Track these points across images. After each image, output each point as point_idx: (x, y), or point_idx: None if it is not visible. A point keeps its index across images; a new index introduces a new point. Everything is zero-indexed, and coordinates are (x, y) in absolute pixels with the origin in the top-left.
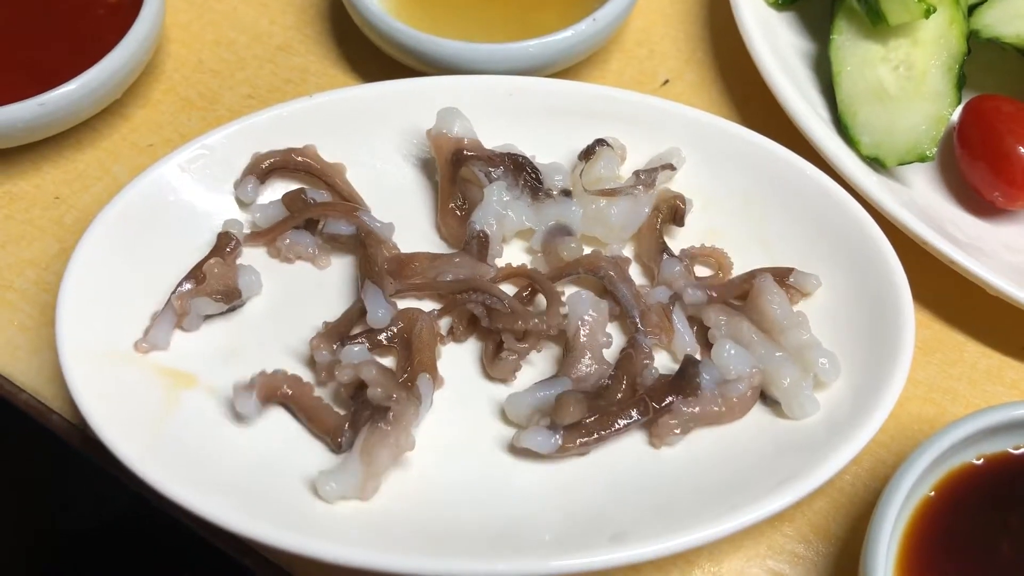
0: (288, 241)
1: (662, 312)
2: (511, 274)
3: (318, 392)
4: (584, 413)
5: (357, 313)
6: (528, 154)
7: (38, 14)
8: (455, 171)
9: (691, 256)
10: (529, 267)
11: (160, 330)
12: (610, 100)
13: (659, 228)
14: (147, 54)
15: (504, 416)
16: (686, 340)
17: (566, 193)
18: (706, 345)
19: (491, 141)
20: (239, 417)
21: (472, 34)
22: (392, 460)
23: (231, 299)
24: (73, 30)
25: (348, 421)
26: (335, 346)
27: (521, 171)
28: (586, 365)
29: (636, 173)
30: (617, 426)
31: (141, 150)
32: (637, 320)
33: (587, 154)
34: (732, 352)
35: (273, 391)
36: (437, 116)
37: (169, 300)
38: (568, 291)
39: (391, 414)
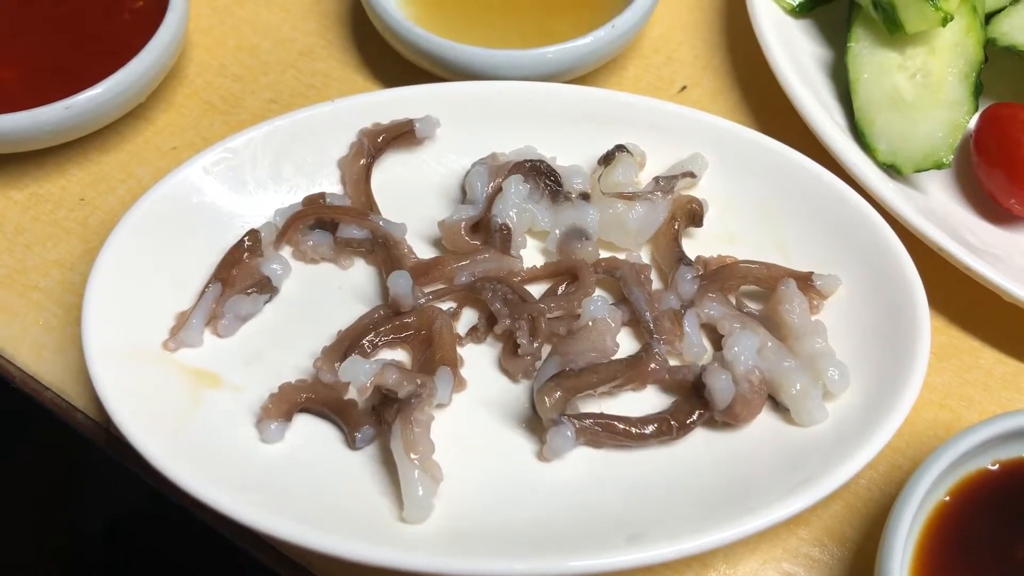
0: (311, 242)
1: (673, 317)
2: (538, 276)
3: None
4: (564, 397)
5: (363, 328)
6: (548, 156)
7: (65, 19)
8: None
9: (705, 264)
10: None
11: (191, 328)
12: (628, 106)
13: (676, 235)
14: (171, 59)
15: (524, 418)
16: (694, 342)
17: (584, 196)
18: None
19: (510, 146)
20: (269, 441)
21: (491, 40)
22: (428, 438)
23: (264, 290)
24: (99, 35)
25: (371, 419)
26: (337, 365)
27: (540, 176)
28: (584, 349)
29: (656, 179)
30: (632, 433)
31: (164, 153)
32: (650, 324)
33: (607, 159)
34: (741, 346)
35: (292, 404)
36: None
37: (200, 298)
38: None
39: (417, 399)
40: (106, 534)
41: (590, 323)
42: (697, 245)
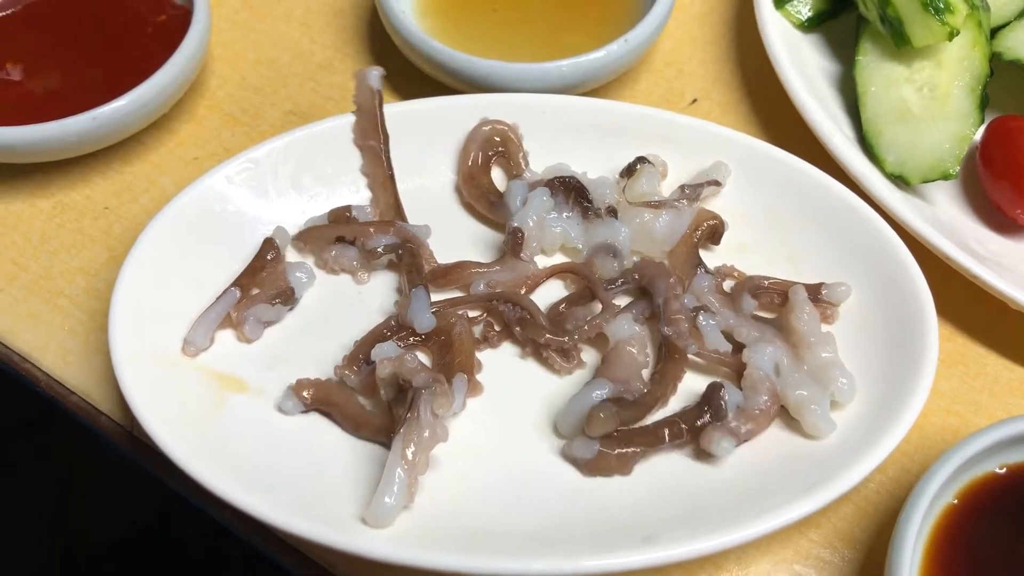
0: (334, 253)
1: (691, 319)
2: (560, 270)
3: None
4: (615, 423)
5: (382, 332)
6: (579, 172)
7: (90, 33)
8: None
9: (721, 274)
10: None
11: (197, 329)
12: (642, 118)
13: (696, 245)
14: (193, 72)
15: (540, 419)
16: (714, 339)
17: (611, 211)
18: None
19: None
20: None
21: (507, 53)
22: (428, 453)
23: (287, 300)
24: (123, 48)
25: (384, 419)
26: (359, 366)
27: (569, 192)
28: (623, 374)
29: (681, 187)
30: (655, 446)
31: (187, 163)
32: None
33: (629, 172)
34: (766, 361)
35: (322, 399)
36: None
37: (214, 302)
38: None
39: (429, 398)
40: (121, 539)
41: (621, 340)
42: (710, 254)
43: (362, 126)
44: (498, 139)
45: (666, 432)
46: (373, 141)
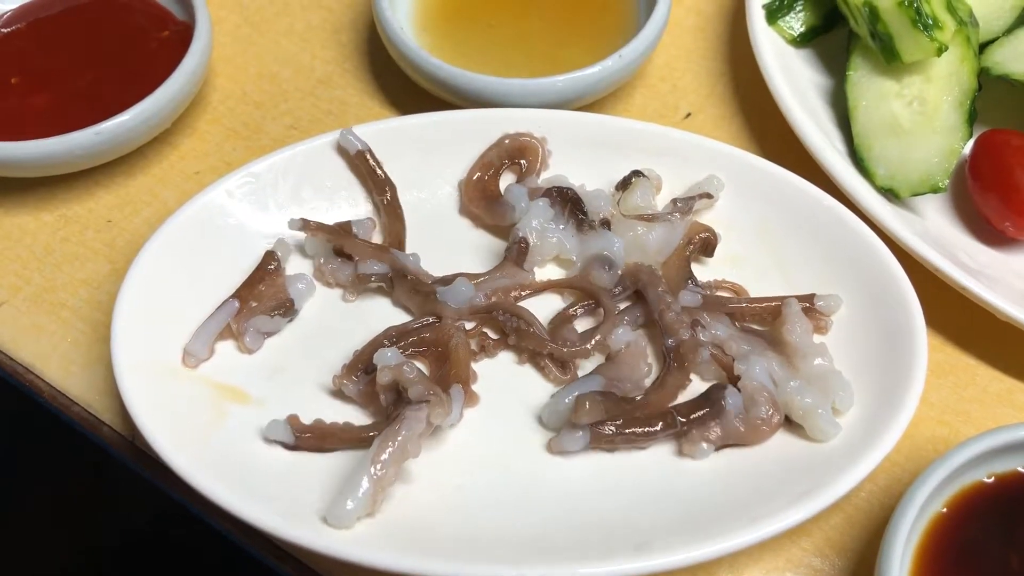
0: (332, 267)
1: (691, 325)
2: (559, 285)
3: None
4: (601, 413)
5: (381, 342)
6: (577, 184)
7: (95, 48)
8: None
9: (713, 288)
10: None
11: (196, 339)
12: (636, 132)
13: (688, 258)
14: (195, 87)
15: (534, 428)
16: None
17: (604, 223)
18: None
19: None
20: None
21: (503, 69)
22: (399, 466)
23: (287, 312)
24: (127, 63)
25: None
26: (357, 376)
27: (566, 202)
28: (619, 374)
29: (674, 200)
30: (641, 431)
31: (188, 177)
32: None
33: (624, 185)
34: (758, 372)
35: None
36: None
37: (212, 314)
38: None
39: (421, 412)
40: (122, 548)
41: (623, 348)
42: (702, 267)
43: (368, 186)
44: (518, 150)
45: (660, 423)
46: (379, 196)
